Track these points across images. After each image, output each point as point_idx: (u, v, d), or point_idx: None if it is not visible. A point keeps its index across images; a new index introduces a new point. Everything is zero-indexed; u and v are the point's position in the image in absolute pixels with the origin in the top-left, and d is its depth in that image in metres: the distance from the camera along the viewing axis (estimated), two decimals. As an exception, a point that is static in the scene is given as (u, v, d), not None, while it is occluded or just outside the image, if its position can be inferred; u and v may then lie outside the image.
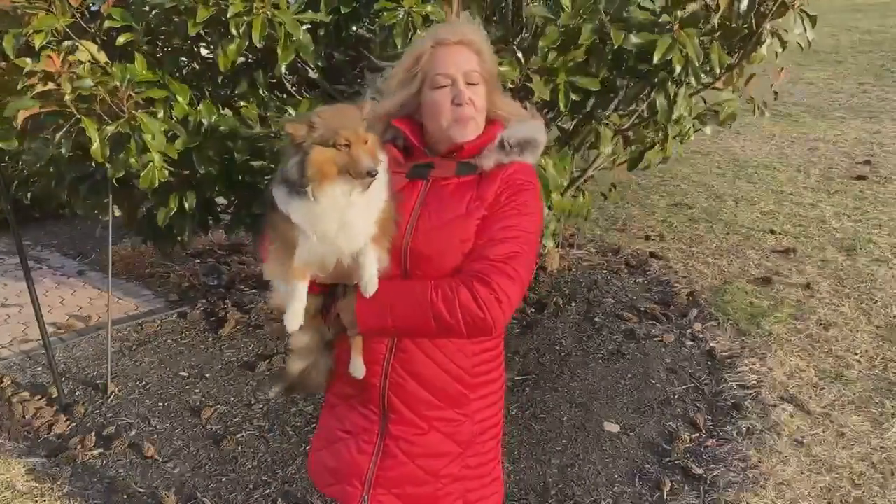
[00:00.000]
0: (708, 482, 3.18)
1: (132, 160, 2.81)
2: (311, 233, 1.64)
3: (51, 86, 2.57)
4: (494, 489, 2.01)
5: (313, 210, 1.61)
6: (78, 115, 2.66)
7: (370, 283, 1.69)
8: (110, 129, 2.70)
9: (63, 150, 2.83)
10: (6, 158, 3.69)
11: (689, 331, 4.36)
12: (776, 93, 3.89)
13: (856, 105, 9.04)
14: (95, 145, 2.72)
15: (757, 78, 3.72)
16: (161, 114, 2.87)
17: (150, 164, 2.81)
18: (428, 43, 1.83)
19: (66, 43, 2.75)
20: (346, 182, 1.60)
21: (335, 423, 1.96)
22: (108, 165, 2.84)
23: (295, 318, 1.71)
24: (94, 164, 2.98)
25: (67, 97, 2.60)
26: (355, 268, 1.69)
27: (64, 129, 2.69)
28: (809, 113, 8.80)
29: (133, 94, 2.70)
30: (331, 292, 1.80)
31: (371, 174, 1.58)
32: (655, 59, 2.99)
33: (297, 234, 1.66)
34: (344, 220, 1.62)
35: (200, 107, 3.07)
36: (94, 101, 2.66)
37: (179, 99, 2.99)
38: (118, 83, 2.66)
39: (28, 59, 2.61)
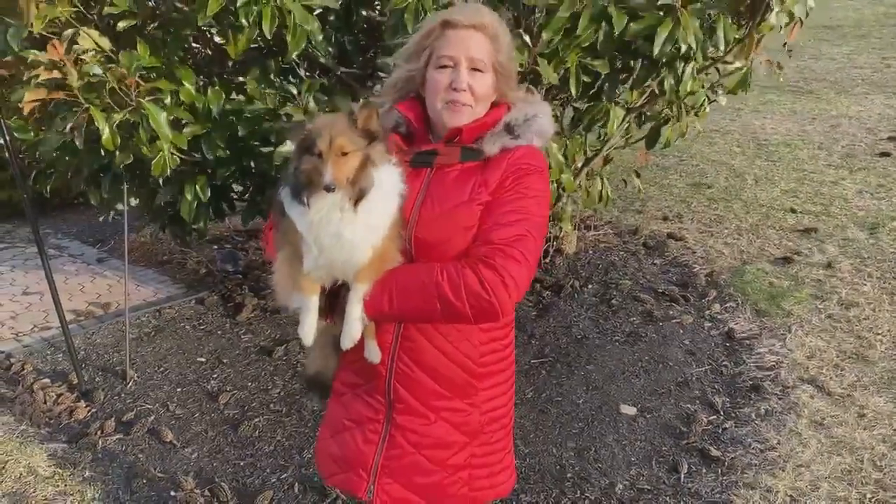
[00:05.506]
0: (726, 464, 3.15)
1: (143, 149, 2.81)
2: (311, 242, 1.61)
3: (56, 74, 2.56)
4: (502, 479, 1.98)
5: (308, 218, 1.59)
6: (86, 105, 2.66)
7: (348, 335, 1.69)
8: (118, 116, 2.69)
9: (77, 143, 2.84)
10: (24, 150, 3.71)
11: (708, 312, 4.32)
12: (790, 51, 3.75)
13: (879, 80, 8.84)
14: (106, 134, 2.73)
15: (767, 40, 3.61)
16: (168, 100, 2.86)
17: (161, 152, 2.81)
18: (438, 20, 1.80)
19: (67, 32, 2.74)
20: (334, 194, 1.56)
21: (341, 411, 1.95)
22: (118, 153, 2.85)
23: (310, 332, 1.70)
24: (106, 153, 3.00)
25: (75, 85, 2.60)
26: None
27: (74, 119, 2.69)
28: (831, 89, 8.62)
29: (140, 82, 2.69)
30: (332, 290, 1.77)
31: (327, 189, 1.52)
32: (656, 48, 2.97)
33: (301, 242, 1.63)
34: (339, 232, 1.59)
35: (209, 94, 3.06)
36: (102, 90, 2.66)
37: (186, 84, 2.98)
38: (125, 70, 2.65)
39: (33, 51, 2.61)
